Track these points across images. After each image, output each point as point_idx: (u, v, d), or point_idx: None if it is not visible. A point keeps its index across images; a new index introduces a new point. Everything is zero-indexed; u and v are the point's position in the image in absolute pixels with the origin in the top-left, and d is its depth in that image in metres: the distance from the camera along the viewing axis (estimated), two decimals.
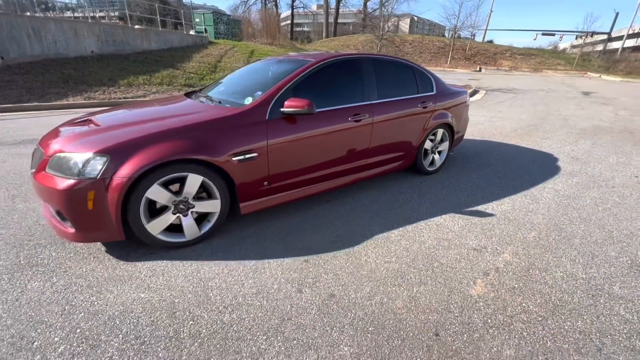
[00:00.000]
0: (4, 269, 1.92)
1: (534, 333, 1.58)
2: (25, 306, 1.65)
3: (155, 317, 1.61)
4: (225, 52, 14.72)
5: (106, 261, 2.03)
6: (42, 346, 1.43)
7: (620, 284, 1.96)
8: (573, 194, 3.29)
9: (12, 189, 2.98)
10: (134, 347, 1.44)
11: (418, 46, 28.84)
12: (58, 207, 1.88)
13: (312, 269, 2.01)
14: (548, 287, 1.91)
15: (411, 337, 1.54)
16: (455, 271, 2.03)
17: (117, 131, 2.04)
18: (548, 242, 2.40)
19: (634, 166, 4.24)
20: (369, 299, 1.78)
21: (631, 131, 6.35)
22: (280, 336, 1.52)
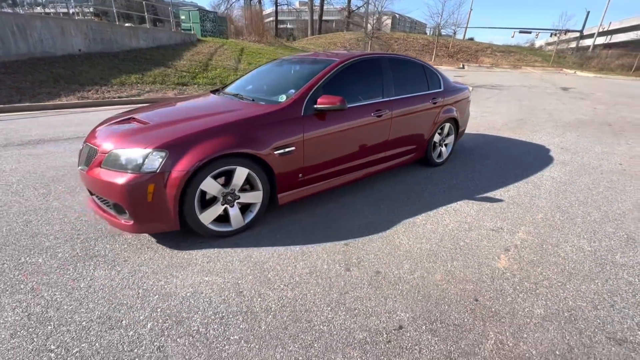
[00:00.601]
0: (65, 261, 2.01)
1: (557, 295, 1.84)
2: (100, 291, 1.77)
3: (225, 296, 1.77)
4: (215, 50, 14.61)
5: (161, 251, 2.15)
6: (131, 324, 1.57)
7: (620, 254, 2.26)
8: (568, 180, 3.63)
9: (41, 188, 3.02)
10: (215, 321, 1.60)
11: (403, 44, 29.37)
12: (118, 200, 2.00)
13: (354, 251, 2.21)
14: (561, 258, 2.19)
15: (455, 303, 1.76)
16: (479, 249, 2.28)
17: (170, 128, 2.17)
18: (554, 222, 2.69)
19: (617, 155, 4.65)
20: (410, 274, 1.99)
21: (610, 124, 6.87)
22: (342, 307, 1.72)
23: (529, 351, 1.48)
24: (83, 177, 2.23)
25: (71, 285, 1.81)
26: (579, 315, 1.71)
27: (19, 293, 1.74)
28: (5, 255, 2.04)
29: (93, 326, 1.55)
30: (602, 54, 29.06)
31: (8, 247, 2.13)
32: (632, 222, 2.71)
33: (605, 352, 1.49)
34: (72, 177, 3.28)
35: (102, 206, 2.23)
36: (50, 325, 1.55)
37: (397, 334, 1.55)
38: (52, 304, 1.68)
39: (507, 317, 1.67)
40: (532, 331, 1.59)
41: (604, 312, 1.73)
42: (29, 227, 2.37)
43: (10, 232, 2.31)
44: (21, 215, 2.53)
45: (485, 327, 1.61)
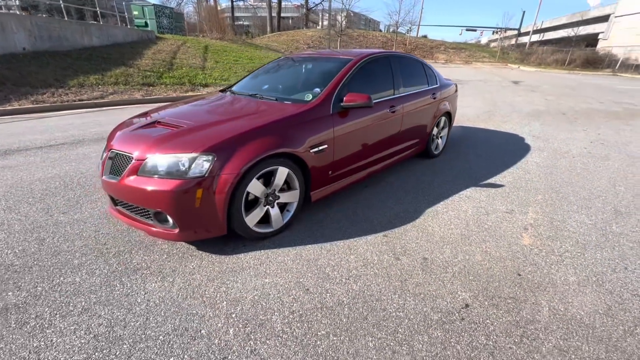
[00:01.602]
0: (107, 277, 1.88)
1: (581, 264, 2.11)
2: (162, 304, 1.69)
3: (294, 295, 1.78)
4: (178, 48, 13.88)
5: (206, 258, 2.09)
6: (212, 332, 1.53)
7: (615, 224, 2.62)
8: (550, 164, 4.06)
9: (36, 203, 2.75)
10: (295, 320, 1.62)
11: (363, 41, 30.09)
12: (162, 208, 1.91)
13: (395, 242, 2.32)
14: (572, 232, 2.49)
15: (503, 279, 1.95)
16: (502, 230, 2.51)
17: (209, 130, 2.10)
18: (553, 201, 3.03)
19: (579, 140, 5.28)
20: (454, 258, 2.15)
21: (563, 112, 7.71)
22: (408, 293, 1.82)
23: (578, 313, 1.70)
24: (110, 186, 2.09)
25: (127, 301, 1.71)
26: (604, 278, 1.97)
27: (70, 315, 1.61)
28: (35, 278, 1.86)
29: (173, 339, 1.49)
30: (539, 50, 32.19)
31: (33, 268, 1.94)
32: (613, 197, 3.13)
33: (635, 307, 1.75)
34: (67, 189, 3.01)
35: (135, 216, 2.10)
36: (124, 344, 1.46)
37: (467, 312, 1.69)
38: (116, 322, 1.57)
39: (550, 287, 1.89)
40: (574, 296, 1.82)
41: (622, 275, 2.01)
42: (45, 246, 2.16)
43: (25, 252, 2.09)
44: (29, 233, 2.29)
45: (536, 297, 1.81)
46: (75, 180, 3.21)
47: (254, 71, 3.62)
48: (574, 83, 15.86)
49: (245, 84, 3.35)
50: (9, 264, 1.97)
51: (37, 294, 1.74)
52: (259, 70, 3.60)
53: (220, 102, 2.81)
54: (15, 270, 1.92)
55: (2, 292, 1.75)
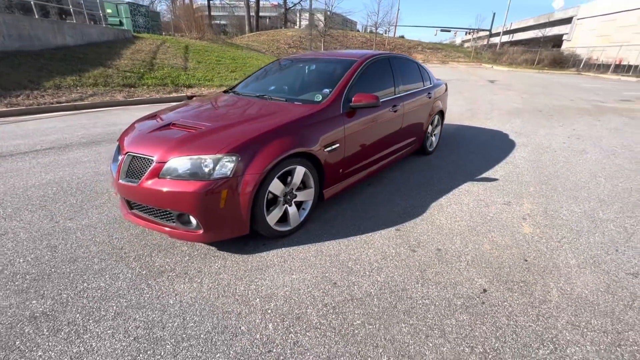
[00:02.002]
0: (133, 281, 1.87)
1: (577, 248, 2.30)
2: (196, 304, 1.71)
3: (323, 289, 1.85)
4: (157, 47, 13.50)
5: (229, 258, 2.11)
6: (252, 328, 1.57)
7: (601, 212, 2.86)
8: (535, 158, 4.33)
9: (38, 210, 2.65)
10: (330, 312, 1.68)
11: (344, 41, 30.37)
12: (187, 210, 1.92)
13: (408, 235, 2.43)
14: (565, 220, 2.70)
15: (512, 265, 2.10)
16: (504, 220, 2.68)
17: (229, 131, 2.12)
18: (544, 192, 3.25)
19: (558, 135, 5.64)
20: (465, 247, 2.29)
21: (540, 110, 8.18)
22: (429, 282, 1.93)
23: (583, 292, 1.87)
24: (128, 190, 2.07)
25: (159, 303, 1.71)
26: (599, 260, 2.17)
27: (104, 320, 1.60)
28: (57, 285, 1.82)
29: (215, 337, 1.52)
30: (510, 51, 33.72)
31: (52, 276, 1.89)
32: (595, 187, 3.40)
33: (630, 284, 1.95)
34: (67, 195, 2.92)
35: (155, 219, 2.09)
36: (167, 344, 1.47)
37: (486, 296, 1.82)
38: (153, 323, 1.58)
39: (555, 270, 2.06)
40: (577, 277, 2.00)
41: (615, 256, 2.22)
42: (59, 253, 2.11)
43: (39, 260, 2.03)
44: (38, 241, 2.22)
45: (544, 280, 1.97)
46: (74, 186, 3.11)
47: (255, 72, 3.64)
48: (544, 82, 16.77)
49: (250, 85, 3.36)
50: (24, 273, 1.91)
51: (64, 301, 1.71)
52: (260, 71, 3.62)
53: (231, 104, 2.82)
54: (33, 278, 1.87)
55: (26, 300, 1.70)
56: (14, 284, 1.82)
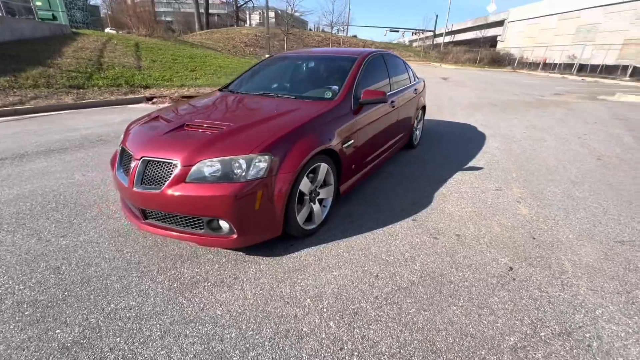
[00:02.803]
0: (166, 296, 1.73)
1: (570, 224, 2.59)
2: (247, 312, 1.63)
3: (368, 282, 1.87)
4: (103, 45, 12.33)
5: (263, 262, 2.04)
6: (314, 328, 1.54)
7: (576, 191, 3.25)
8: (506, 148, 4.76)
9: (19, 230, 2.32)
10: (383, 304, 1.71)
11: (300, 39, 30.36)
12: (220, 214, 1.81)
13: (425, 224, 2.54)
14: (551, 200, 3.02)
15: (524, 243, 2.30)
16: (502, 204, 2.92)
17: (254, 130, 2.04)
18: (525, 177, 3.60)
19: (517, 127, 6.24)
20: (479, 231, 2.46)
21: (494, 104, 8.96)
22: (462, 265, 2.04)
23: (589, 261, 2.12)
24: (145, 198, 1.89)
25: (206, 315, 1.60)
26: (591, 233, 2.47)
27: (151, 340, 1.46)
28: (80, 309, 1.61)
29: (281, 342, 1.47)
30: (454, 50, 36.39)
31: (68, 300, 1.67)
32: (564, 171, 3.84)
33: (621, 251, 2.25)
34: (47, 210, 2.59)
35: (178, 228, 1.94)
36: (233, 356, 1.39)
37: (514, 273, 1.98)
38: (209, 337, 1.48)
39: (559, 244, 2.30)
40: (579, 249, 2.25)
41: (601, 228, 2.54)
42: (66, 274, 1.86)
43: (44, 284, 1.78)
44: (33, 264, 1.94)
45: (555, 254, 2.19)
46: (52, 200, 2.76)
47: (247, 71, 3.51)
48: (489, 79, 18.38)
49: (247, 83, 3.24)
50: (32, 300, 1.67)
51: (94, 326, 1.52)
52: (252, 69, 3.50)
53: (238, 102, 2.70)
54: (45, 305, 1.64)
55: (47, 331, 1.49)
56: (24, 314, 1.58)
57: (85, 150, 4.08)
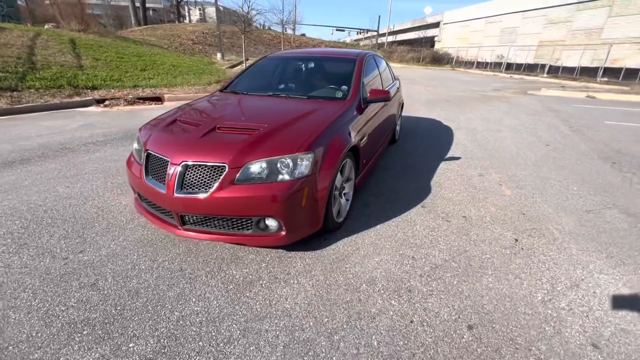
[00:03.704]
0: (230, 298, 1.74)
1: (548, 199, 3.08)
2: (314, 302, 1.73)
3: (407, 263, 2.07)
4: (32, 42, 10.87)
5: (305, 256, 2.12)
6: (381, 308, 1.70)
7: (540, 173, 3.82)
8: (473, 139, 5.34)
9: (26, 249, 2.10)
10: (428, 279, 1.92)
11: (258, 38, 29.69)
12: (272, 213, 1.87)
13: (434, 210, 2.83)
14: (525, 182, 3.52)
15: (518, 218, 2.70)
16: (488, 187, 3.34)
17: (291, 130, 2.11)
18: (497, 163, 4.11)
19: (474, 119, 6.97)
20: (479, 212, 2.81)
21: (448, 100, 9.82)
22: (477, 241, 2.35)
23: (569, 228, 2.57)
24: (189, 203, 1.87)
25: (277, 309, 1.67)
26: (566, 205, 2.97)
27: (235, 339, 1.49)
28: (144, 321, 1.56)
29: (358, 323, 1.59)
30: (399, 49, 38.57)
31: (125, 314, 1.60)
32: (524, 156, 4.46)
33: (590, 218, 2.75)
34: (46, 226, 2.38)
35: (223, 230, 1.95)
36: (321, 341, 1.49)
37: (521, 244, 2.34)
38: (290, 328, 1.55)
39: (544, 217, 2.74)
40: (560, 219, 2.71)
41: (573, 201, 3.06)
42: (108, 289, 1.77)
43: (88, 302, 1.67)
44: (64, 283, 1.80)
45: (546, 225, 2.61)
46: (43, 215, 2.51)
47: (244, 72, 3.47)
48: (435, 76, 19.91)
49: (249, 84, 3.24)
50: (85, 319, 1.57)
51: (169, 334, 1.50)
52: (249, 71, 3.48)
53: (254, 103, 2.71)
54: (103, 321, 1.56)
55: (120, 346, 1.43)
56: (83, 334, 1.49)
57: (54, 161, 3.69)
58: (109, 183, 3.16)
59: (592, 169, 3.98)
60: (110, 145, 4.34)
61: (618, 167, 4.07)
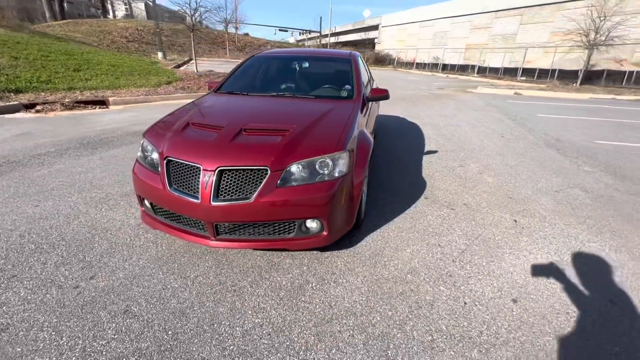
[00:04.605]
0: (285, 304, 1.69)
1: (524, 185, 3.49)
2: (370, 297, 1.75)
3: (437, 252, 2.20)
4: None
5: (342, 255, 2.14)
6: (435, 295, 1.79)
7: (508, 161, 4.30)
8: (440, 134, 5.78)
9: (15, 284, 1.78)
10: (461, 263, 2.07)
11: (207, 36, 28.09)
12: (317, 214, 1.85)
13: (437, 200, 3.02)
14: (501, 169, 3.94)
15: (507, 202, 3.02)
16: (472, 176, 3.67)
17: (320, 130, 2.09)
18: (470, 155, 4.53)
19: (433, 116, 7.53)
20: (474, 199, 3.08)
21: (403, 98, 10.45)
22: (486, 225, 2.58)
23: (550, 207, 2.96)
24: (228, 211, 1.75)
25: (339, 308, 1.66)
26: (538, 188, 3.39)
27: (312, 345, 1.45)
28: (205, 341, 1.44)
29: (420, 312, 1.66)
30: None
31: (181, 337, 1.46)
32: (490, 147, 4.97)
33: (562, 197, 3.19)
34: (35, 253, 2.05)
35: (261, 237, 1.87)
36: (396, 333, 1.52)
37: (519, 224, 2.63)
38: (362, 325, 1.56)
39: (527, 199, 3.11)
40: (540, 199, 3.10)
41: (541, 184, 3.51)
42: (148, 315, 1.59)
43: (129, 330, 1.49)
44: (91, 314, 1.57)
45: (529, 205, 2.97)
46: (23, 242, 2.15)
47: (235, 72, 3.29)
48: (383, 76, 20.94)
49: (246, 84, 3.11)
50: (136, 350, 1.39)
51: (240, 352, 1.40)
52: (241, 70, 3.31)
53: (265, 103, 2.62)
54: (159, 350, 1.40)
55: None
56: None
57: (4, 178, 3.13)
58: (87, 198, 2.79)
59: (545, 156, 4.60)
60: (68, 156, 3.81)
61: (563, 153, 4.76)
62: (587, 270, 2.08)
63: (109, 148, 4.21)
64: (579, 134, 6.06)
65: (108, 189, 2.99)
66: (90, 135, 4.77)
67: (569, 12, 21.50)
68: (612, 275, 2.03)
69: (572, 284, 1.94)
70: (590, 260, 2.18)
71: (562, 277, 1.99)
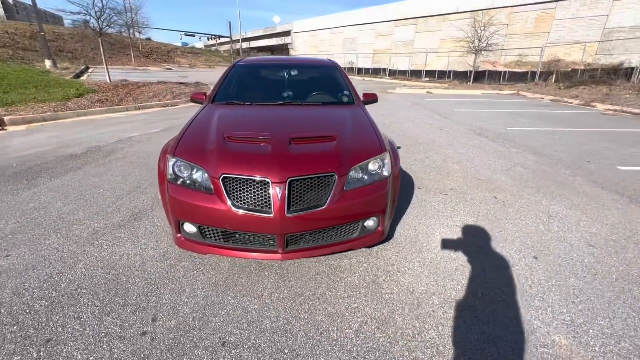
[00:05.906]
0: (379, 304, 1.78)
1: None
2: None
3: (457, 231, 2.55)
4: None
5: (386, 248, 2.31)
6: (482, 283, 2.10)
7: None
8: (391, 130, 6.38)
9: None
10: (484, 254, 2.45)
11: (117, 41, 24.30)
12: (379, 212, 1.99)
13: (429, 189, 3.43)
14: (476, 163, 4.61)
15: (479, 183, 3.62)
16: (441, 165, 4.23)
17: (356, 133, 2.21)
18: (428, 147, 5.16)
19: (377, 115, 8.14)
20: (455, 183, 3.59)
21: None
22: (475, 202, 3.06)
23: (516, 184, 3.65)
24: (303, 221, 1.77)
25: (424, 293, 1.83)
26: (515, 174, 4.12)
27: (391, 349, 1.59)
28: (336, 345, 1.45)
29: (478, 302, 1.95)
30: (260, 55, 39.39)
31: (298, 352, 1.44)
32: (460, 142, 5.73)
33: (520, 172, 3.95)
34: (56, 306, 1.70)
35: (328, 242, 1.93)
36: (466, 318, 1.77)
37: (499, 199, 3.19)
38: (448, 302, 1.76)
39: (491, 178, 3.76)
40: (502, 177, 3.78)
41: (520, 169, 4.26)
42: (248, 341, 1.50)
43: None
44: (183, 358, 1.42)
45: (497, 184, 3.61)
46: (34, 295, 1.75)
47: (224, 82, 3.10)
48: None
49: (243, 94, 3.00)
50: None
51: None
52: (231, 81, 3.15)
53: (281, 112, 2.59)
54: None
55: None
56: None
57: None
58: (71, 236, 2.37)
59: (480, 143, 5.54)
60: (1, 193, 3.09)
61: (492, 139, 5.80)
62: (557, 218, 2.69)
63: (51, 177, 3.52)
64: (492, 123, 7.40)
65: (91, 223, 2.56)
66: (13, 165, 3.89)
67: (453, 22, 25.70)
68: (569, 220, 2.68)
69: (565, 237, 2.49)
70: (558, 214, 2.82)
71: (559, 234, 2.54)
